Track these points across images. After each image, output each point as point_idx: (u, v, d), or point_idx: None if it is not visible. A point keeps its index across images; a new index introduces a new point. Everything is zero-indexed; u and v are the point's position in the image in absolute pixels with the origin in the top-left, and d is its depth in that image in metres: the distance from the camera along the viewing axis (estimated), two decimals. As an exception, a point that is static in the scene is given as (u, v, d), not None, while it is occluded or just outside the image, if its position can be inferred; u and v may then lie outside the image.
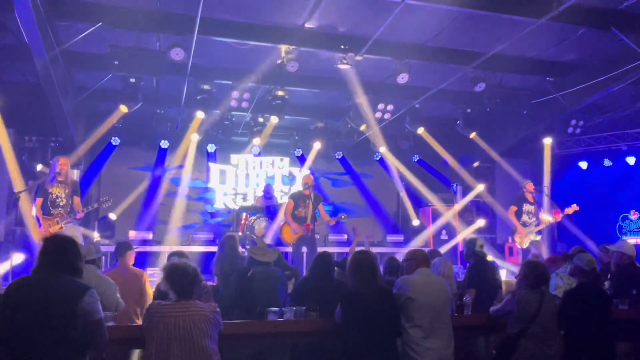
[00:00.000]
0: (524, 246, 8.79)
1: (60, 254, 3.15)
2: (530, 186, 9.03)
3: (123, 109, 9.06)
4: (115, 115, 9.49)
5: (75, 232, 7.19)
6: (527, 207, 8.94)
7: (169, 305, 3.41)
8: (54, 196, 7.24)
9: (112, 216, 10.22)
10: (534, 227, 8.85)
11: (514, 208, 9.01)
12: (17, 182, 8.61)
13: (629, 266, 5.53)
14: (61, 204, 7.25)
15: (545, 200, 10.37)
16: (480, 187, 11.51)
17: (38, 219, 7.24)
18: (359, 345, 3.83)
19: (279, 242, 8.86)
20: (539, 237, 8.93)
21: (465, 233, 10.65)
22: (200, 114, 9.92)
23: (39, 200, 7.28)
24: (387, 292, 4.10)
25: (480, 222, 11.13)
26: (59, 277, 3.08)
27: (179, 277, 3.49)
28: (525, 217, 8.89)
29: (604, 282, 5.64)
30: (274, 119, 10.04)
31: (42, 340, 2.91)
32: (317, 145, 11.52)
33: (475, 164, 11.99)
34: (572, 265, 4.64)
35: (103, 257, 5.16)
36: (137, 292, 5.20)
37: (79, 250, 3.26)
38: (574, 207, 8.74)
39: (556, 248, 9.80)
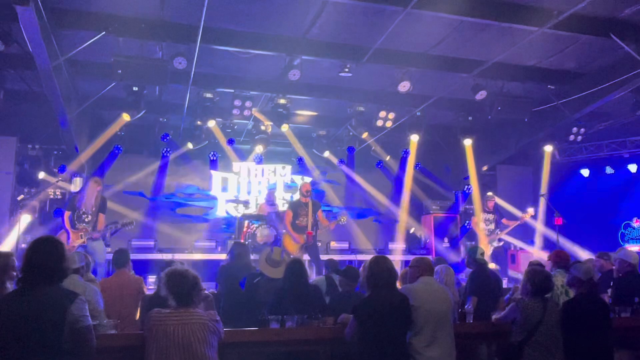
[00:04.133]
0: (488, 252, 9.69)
1: (44, 262, 3.06)
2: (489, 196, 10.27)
3: (125, 117, 9.10)
4: (117, 124, 9.53)
5: (98, 247, 7.37)
6: (484, 216, 10.07)
7: (169, 313, 3.40)
8: (81, 212, 7.42)
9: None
10: (494, 234, 9.84)
11: (475, 219, 10.36)
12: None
13: (630, 274, 5.51)
14: (86, 220, 7.42)
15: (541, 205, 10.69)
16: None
17: (68, 232, 7.36)
18: (372, 355, 3.73)
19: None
20: (500, 244, 9.98)
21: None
22: (211, 123, 9.94)
23: (67, 213, 7.48)
24: (405, 299, 3.95)
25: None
26: (47, 287, 3.03)
27: (179, 282, 3.46)
28: (482, 225, 10.00)
29: (606, 290, 5.62)
30: (285, 127, 10.00)
31: (31, 352, 2.87)
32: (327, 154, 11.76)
33: (485, 168, 12.01)
34: (569, 275, 4.63)
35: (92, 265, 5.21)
36: (137, 299, 5.23)
37: (62, 251, 3.17)
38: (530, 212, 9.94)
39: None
